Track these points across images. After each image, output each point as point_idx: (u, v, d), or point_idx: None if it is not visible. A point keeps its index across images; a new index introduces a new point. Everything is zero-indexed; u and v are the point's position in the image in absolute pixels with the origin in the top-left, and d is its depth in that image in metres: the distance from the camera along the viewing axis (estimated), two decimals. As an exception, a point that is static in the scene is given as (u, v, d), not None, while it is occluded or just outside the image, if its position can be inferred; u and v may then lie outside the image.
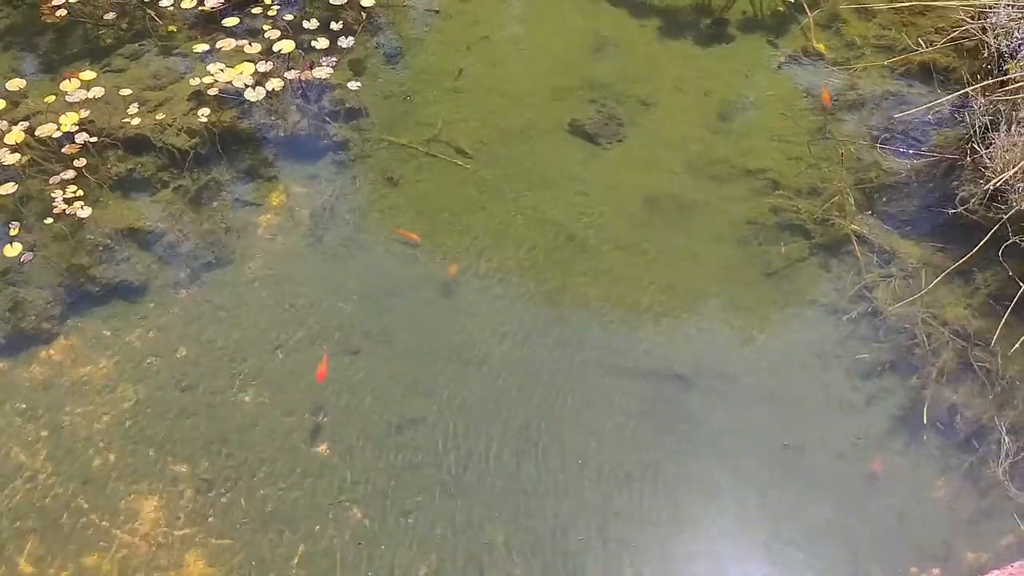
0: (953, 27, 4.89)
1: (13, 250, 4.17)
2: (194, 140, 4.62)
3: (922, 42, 4.90)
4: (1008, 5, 4.65)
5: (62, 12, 5.25)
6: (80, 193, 4.37)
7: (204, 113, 4.69)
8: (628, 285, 4.14)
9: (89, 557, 3.38)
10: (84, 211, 4.30)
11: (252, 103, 4.77)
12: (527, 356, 3.91)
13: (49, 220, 4.28)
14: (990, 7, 4.72)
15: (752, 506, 3.49)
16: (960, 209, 4.17)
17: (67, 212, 4.29)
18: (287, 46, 4.96)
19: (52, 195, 4.34)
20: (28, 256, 4.16)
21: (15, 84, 4.79)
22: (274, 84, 4.81)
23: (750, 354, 3.91)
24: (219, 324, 4.01)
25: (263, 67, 4.88)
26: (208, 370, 3.87)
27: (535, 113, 4.84)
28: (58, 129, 4.55)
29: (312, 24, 5.11)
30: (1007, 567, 3.20)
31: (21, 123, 4.58)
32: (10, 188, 4.36)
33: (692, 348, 3.92)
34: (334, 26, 5.12)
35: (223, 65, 4.89)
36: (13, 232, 4.24)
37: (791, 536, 3.42)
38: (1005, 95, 4.32)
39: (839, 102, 4.80)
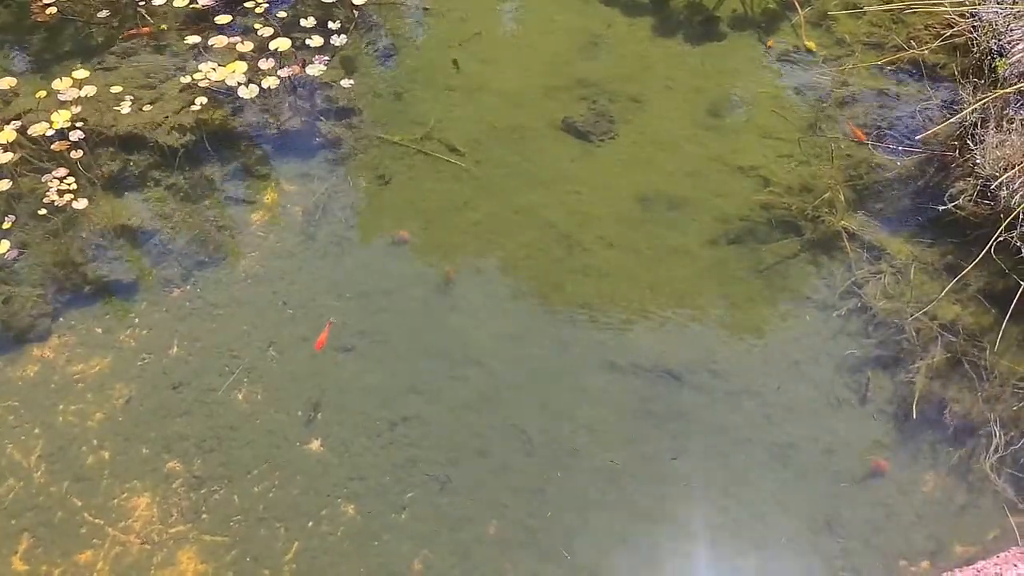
0: (943, 25, 4.93)
1: (2, 247, 4.17)
2: (186, 138, 4.62)
3: (912, 40, 4.93)
4: (996, 2, 4.68)
5: (52, 10, 5.25)
6: (74, 187, 4.37)
7: (196, 110, 4.69)
8: (620, 282, 4.15)
9: (82, 555, 3.39)
10: (79, 203, 4.30)
11: (244, 101, 4.78)
12: (520, 354, 3.92)
13: (43, 211, 4.28)
14: (979, 4, 4.76)
15: (743, 501, 3.51)
16: (950, 206, 4.20)
17: (57, 204, 4.29)
18: (279, 44, 4.96)
19: (45, 192, 4.34)
20: (13, 253, 4.16)
21: (6, 83, 4.78)
22: (266, 82, 4.81)
23: (741, 351, 3.92)
24: (212, 322, 4.02)
25: (255, 65, 4.88)
26: (201, 368, 3.87)
27: (527, 111, 4.85)
28: (50, 127, 4.55)
29: (304, 22, 5.11)
30: (993, 557, 3.23)
31: (13, 122, 4.58)
32: (3, 185, 4.35)
33: (683, 345, 3.93)
34: (327, 24, 5.12)
35: (215, 63, 4.90)
36: (6, 226, 4.24)
37: (780, 531, 3.43)
38: (995, 93, 4.34)
39: (831, 98, 4.83)
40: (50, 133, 4.54)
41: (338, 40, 5.06)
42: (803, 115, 4.79)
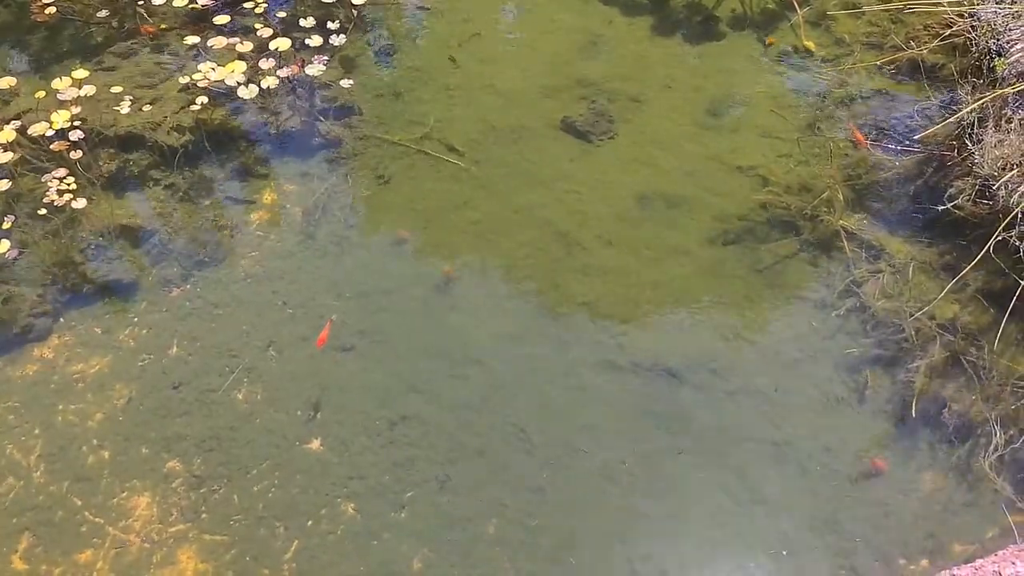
0: (942, 25, 4.93)
1: (2, 247, 4.17)
2: (185, 138, 4.62)
3: (911, 40, 4.94)
4: (995, 2, 4.69)
5: (52, 10, 5.25)
6: (73, 186, 4.37)
7: (195, 110, 4.69)
8: (619, 282, 4.15)
9: (82, 554, 3.39)
10: (79, 202, 4.30)
11: (243, 101, 4.78)
12: (520, 353, 3.93)
13: (43, 211, 4.28)
14: (977, 4, 4.76)
15: (741, 500, 3.51)
16: (949, 205, 4.21)
17: (56, 204, 4.29)
18: (279, 44, 4.96)
19: (44, 192, 4.34)
20: (13, 253, 4.16)
21: (6, 83, 4.79)
22: (266, 82, 4.82)
23: (740, 349, 3.93)
24: (211, 322, 4.02)
25: (254, 65, 4.89)
26: (201, 368, 3.87)
27: (526, 110, 4.85)
28: (50, 127, 4.55)
29: (304, 22, 5.12)
30: (992, 555, 3.24)
31: (13, 122, 4.58)
32: (3, 185, 4.35)
33: (682, 344, 3.94)
34: (326, 24, 5.13)
35: (214, 63, 4.90)
36: (6, 226, 4.25)
37: (779, 529, 3.44)
38: (993, 93, 4.35)
39: (830, 98, 4.83)
40: (50, 133, 4.55)
41: (337, 40, 5.06)
42: (802, 115, 4.80)
